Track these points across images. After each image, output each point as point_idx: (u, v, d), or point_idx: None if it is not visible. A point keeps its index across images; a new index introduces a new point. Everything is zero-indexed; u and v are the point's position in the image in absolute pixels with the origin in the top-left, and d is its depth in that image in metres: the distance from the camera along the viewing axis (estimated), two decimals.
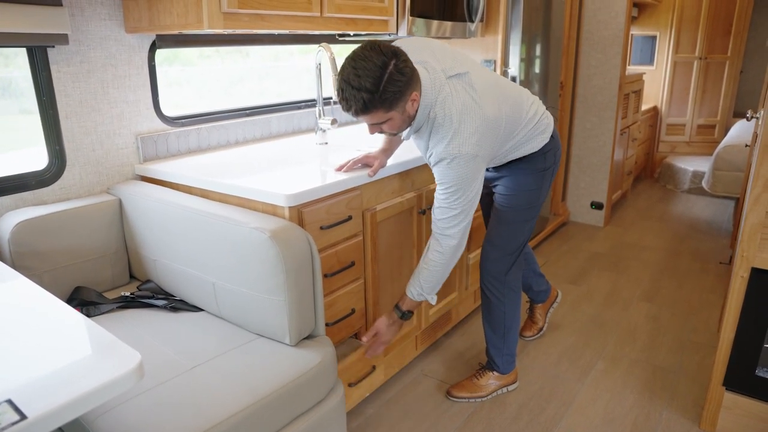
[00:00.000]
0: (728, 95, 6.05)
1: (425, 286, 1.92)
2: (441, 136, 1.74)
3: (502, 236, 2.13)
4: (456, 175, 1.75)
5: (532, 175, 2.06)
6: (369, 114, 1.62)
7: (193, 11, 1.77)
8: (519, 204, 2.09)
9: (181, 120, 2.29)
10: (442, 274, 1.92)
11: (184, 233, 1.80)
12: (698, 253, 3.94)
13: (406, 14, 2.44)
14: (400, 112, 1.66)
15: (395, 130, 1.75)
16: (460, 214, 1.82)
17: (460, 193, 1.78)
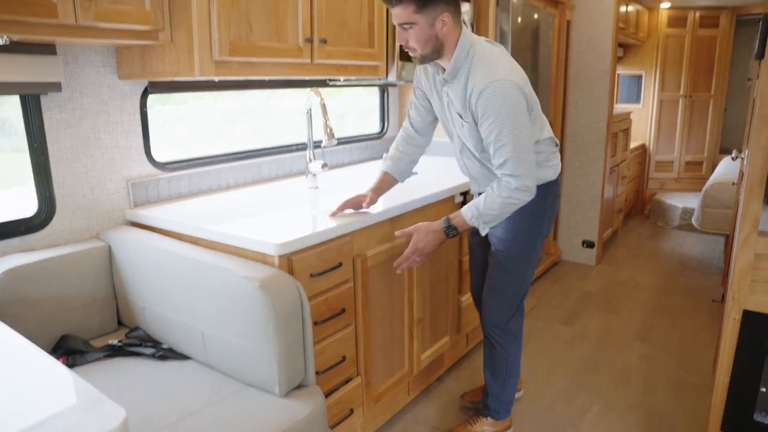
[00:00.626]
0: (714, 132, 6.16)
1: (483, 211, 1.84)
2: (481, 66, 1.77)
3: (503, 284, 2.10)
4: (504, 98, 1.71)
5: (532, 219, 2.02)
6: (401, 4, 1.70)
7: (184, 59, 1.79)
8: (518, 250, 2.05)
9: (172, 165, 2.30)
10: (497, 212, 1.84)
11: (173, 280, 1.79)
12: (690, 290, 3.94)
13: (396, 59, 2.48)
14: (428, 22, 1.72)
15: (419, 46, 1.76)
16: (519, 147, 1.74)
17: (511, 121, 1.72)
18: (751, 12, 5.90)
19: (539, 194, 1.95)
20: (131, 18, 1.68)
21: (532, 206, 1.95)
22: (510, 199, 1.82)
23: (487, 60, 1.78)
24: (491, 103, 1.73)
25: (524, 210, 1.94)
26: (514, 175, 1.78)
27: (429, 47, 1.77)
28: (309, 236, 1.74)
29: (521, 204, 1.85)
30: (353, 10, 2.27)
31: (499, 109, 1.73)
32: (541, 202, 1.99)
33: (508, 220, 2.00)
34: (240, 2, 1.82)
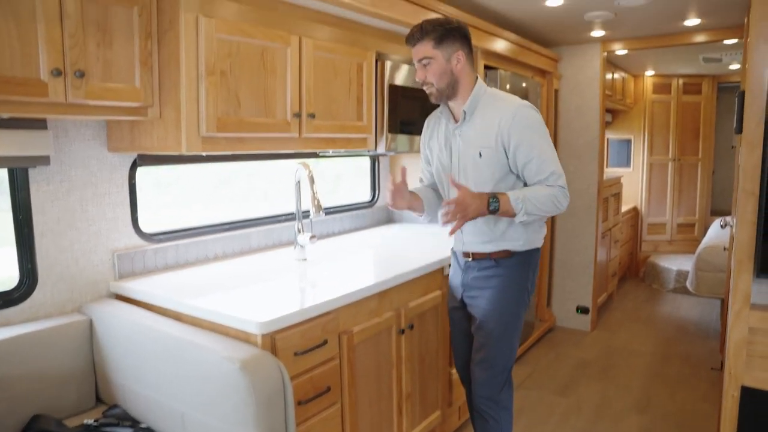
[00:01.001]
0: (704, 194, 6.23)
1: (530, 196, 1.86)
2: (501, 99, 1.96)
3: (493, 356, 2.06)
4: (535, 120, 1.90)
5: (517, 286, 2.03)
6: (421, 42, 1.89)
7: (172, 135, 1.81)
8: (505, 320, 2.04)
9: (159, 236, 2.28)
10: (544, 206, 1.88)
11: (153, 357, 1.74)
12: (688, 357, 3.87)
13: (384, 131, 2.52)
14: (445, 58, 1.89)
15: (435, 80, 1.91)
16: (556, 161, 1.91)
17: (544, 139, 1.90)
18: (730, 80, 6.09)
19: (524, 262, 2.02)
20: (121, 95, 1.70)
21: (517, 276, 2.02)
22: (557, 197, 1.89)
23: (503, 94, 1.99)
24: (527, 124, 1.89)
25: (507, 279, 2.01)
26: (561, 184, 1.90)
27: (445, 81, 1.92)
28: (293, 314, 1.71)
29: (559, 211, 1.92)
30: (342, 85, 2.31)
31: (536, 127, 1.90)
32: (523, 270, 2.04)
33: (492, 290, 2.02)
34: (229, 79, 1.86)
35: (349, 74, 2.35)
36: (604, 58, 4.23)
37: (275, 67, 2.01)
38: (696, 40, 3.92)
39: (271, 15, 2.01)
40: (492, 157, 1.93)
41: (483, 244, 2.03)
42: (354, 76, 2.37)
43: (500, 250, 2.01)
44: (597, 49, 4.20)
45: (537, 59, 3.87)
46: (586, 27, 3.72)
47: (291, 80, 2.07)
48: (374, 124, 2.50)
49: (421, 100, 2.77)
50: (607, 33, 3.91)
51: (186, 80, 1.76)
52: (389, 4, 2.38)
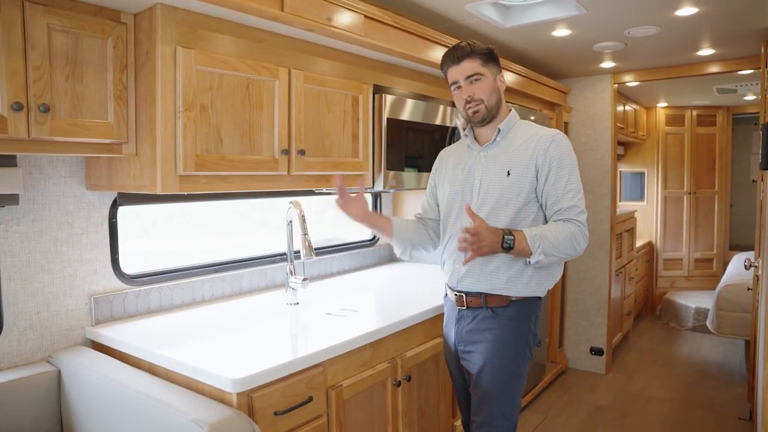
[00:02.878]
0: (721, 229, 6.01)
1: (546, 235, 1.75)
2: (536, 126, 1.93)
3: (492, 419, 1.85)
4: (570, 150, 1.86)
5: (517, 338, 1.85)
6: (469, 58, 1.85)
7: (148, 173, 1.69)
8: (505, 377, 1.85)
9: (141, 278, 2.14)
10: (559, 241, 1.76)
11: (121, 416, 1.58)
12: (712, 405, 3.62)
13: (383, 168, 2.38)
14: (492, 76, 1.88)
15: (485, 96, 1.86)
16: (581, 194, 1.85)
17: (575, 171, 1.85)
18: (745, 111, 5.93)
19: (524, 313, 1.86)
20: (92, 132, 1.59)
21: (517, 327, 1.85)
22: (576, 237, 1.79)
23: (537, 125, 1.96)
24: (564, 151, 1.84)
25: (506, 331, 1.84)
26: (581, 221, 1.82)
27: (494, 99, 1.89)
28: (272, 369, 1.55)
29: (577, 254, 1.82)
30: (335, 119, 2.19)
31: (571, 158, 1.86)
32: (524, 320, 1.86)
33: (488, 343, 1.84)
34: (210, 114, 1.74)
35: (344, 108, 2.23)
36: (615, 90, 4.11)
37: (262, 101, 1.90)
38: (710, 71, 3.78)
39: (257, 46, 1.90)
40: (521, 177, 1.83)
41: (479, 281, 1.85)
42: (349, 110, 2.25)
43: (496, 295, 1.84)
44: (607, 81, 4.08)
45: (545, 91, 3.75)
46: (595, 58, 3.60)
47: (279, 115, 1.95)
48: (371, 160, 2.37)
49: (426, 136, 2.65)
50: (617, 64, 3.79)
51: (162, 115, 1.64)
52: (386, 35, 2.27)
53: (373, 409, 1.94)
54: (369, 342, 1.89)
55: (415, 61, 2.49)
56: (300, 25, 1.91)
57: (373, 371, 1.91)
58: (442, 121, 2.73)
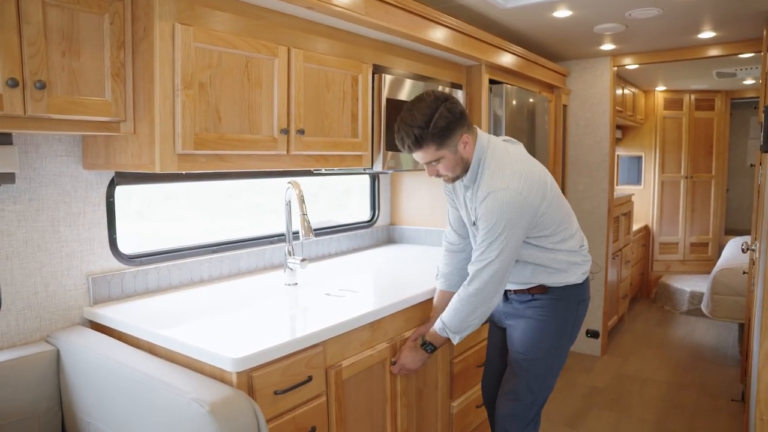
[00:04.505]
0: (717, 213, 6.03)
1: (447, 322, 1.88)
2: (488, 175, 1.79)
3: (521, 390, 1.95)
4: (500, 208, 1.73)
5: (554, 321, 1.93)
6: (422, 149, 1.75)
7: (146, 152, 1.67)
8: (540, 355, 1.94)
9: (139, 258, 2.13)
10: (463, 314, 1.84)
11: (121, 395, 1.58)
12: (706, 386, 3.66)
13: (382, 149, 2.37)
14: (452, 151, 1.77)
15: (450, 172, 1.82)
16: (495, 259, 1.75)
17: (500, 230, 1.74)
18: (744, 95, 5.92)
19: (562, 296, 1.94)
20: (89, 109, 1.57)
21: (556, 308, 1.94)
22: (467, 302, 1.83)
23: (495, 166, 1.80)
24: (491, 207, 1.75)
25: (545, 310, 1.93)
26: (476, 276, 1.80)
27: (459, 169, 1.83)
28: (272, 349, 1.54)
29: (479, 310, 1.83)
30: (335, 99, 2.17)
31: (498, 213, 1.74)
32: (563, 302, 1.94)
33: (528, 320, 1.94)
34: (209, 93, 1.72)
35: (343, 88, 2.21)
36: (614, 73, 4.08)
37: (261, 79, 1.87)
38: (710, 54, 3.76)
39: (256, 24, 1.88)
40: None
41: (518, 285, 2.00)
42: (348, 90, 2.23)
43: (536, 286, 1.96)
44: (607, 64, 4.05)
45: (544, 73, 3.73)
46: (595, 40, 3.57)
47: (278, 94, 1.93)
48: (371, 141, 2.35)
49: None
50: (617, 46, 3.76)
51: (160, 93, 1.62)
52: (387, 13, 2.24)
53: (372, 389, 1.95)
54: (368, 322, 1.89)
55: (415, 41, 2.46)
56: (300, 3, 1.88)
57: (372, 351, 1.92)
58: None
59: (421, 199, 3.29)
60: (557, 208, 1.88)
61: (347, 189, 3.24)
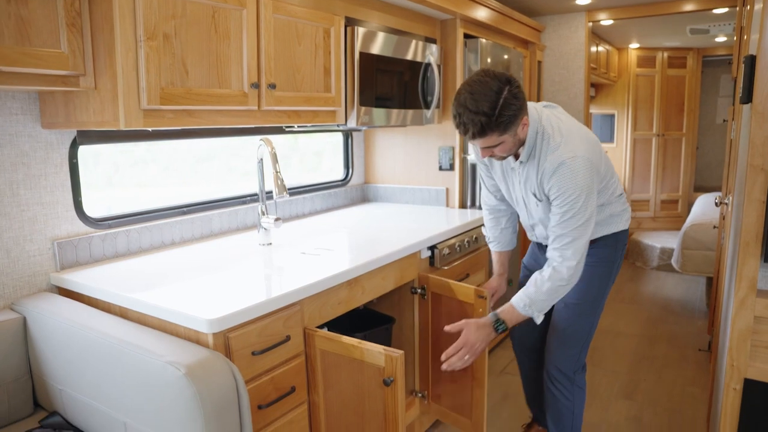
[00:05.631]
0: (687, 171, 6.12)
1: (535, 298, 1.81)
2: (553, 146, 1.75)
3: (573, 331, 2.02)
4: (574, 178, 1.71)
5: (604, 266, 2.01)
6: (485, 137, 1.67)
7: (109, 108, 1.58)
8: (591, 297, 2.01)
9: (107, 221, 2.06)
10: (555, 294, 1.82)
11: (93, 361, 1.53)
12: (675, 338, 3.76)
13: (355, 104, 2.30)
14: (512, 135, 1.71)
15: (506, 153, 1.79)
16: (580, 228, 1.74)
17: (582, 201, 1.72)
18: (715, 53, 5.95)
19: (611, 244, 2.00)
20: (45, 63, 1.47)
21: (606, 255, 2.00)
22: (560, 282, 1.79)
23: (557, 138, 1.77)
24: (564, 184, 1.73)
25: (596, 257, 1.97)
26: (565, 257, 1.77)
27: (515, 149, 1.80)
28: (249, 309, 1.51)
29: (570, 286, 1.82)
30: (306, 52, 2.09)
31: (575, 183, 1.72)
32: (610, 249, 2.01)
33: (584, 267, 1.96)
34: (174, 45, 1.63)
35: (315, 41, 2.12)
36: (589, 29, 4.04)
37: (228, 31, 1.78)
38: (685, 9, 3.75)
39: None
40: (543, 206, 1.89)
41: None
42: (320, 43, 2.15)
43: None
44: (582, 19, 4.01)
45: (519, 29, 3.66)
46: None
47: (248, 46, 1.84)
48: (344, 96, 2.28)
49: (398, 72, 2.56)
50: (592, 1, 3.71)
51: (122, 45, 1.52)
52: None
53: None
54: (345, 280, 1.87)
55: None
56: None
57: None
58: (413, 57, 2.64)
59: (395, 157, 3.24)
60: (608, 161, 1.93)
61: (319, 151, 3.17)
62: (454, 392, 2.23)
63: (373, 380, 1.65)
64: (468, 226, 2.66)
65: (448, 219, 2.76)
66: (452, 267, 2.50)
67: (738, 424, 1.73)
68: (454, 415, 2.25)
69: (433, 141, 3.11)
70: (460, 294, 2.12)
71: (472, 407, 2.15)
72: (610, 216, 1.99)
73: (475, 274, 2.77)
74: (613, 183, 1.97)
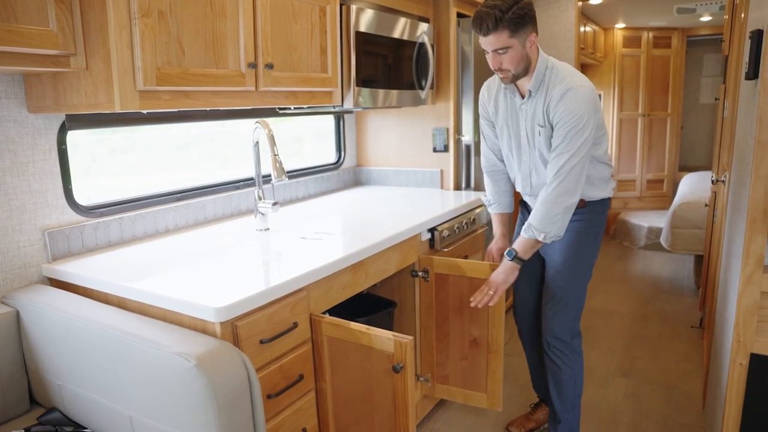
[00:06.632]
0: (673, 150, 6.17)
1: (534, 222, 1.92)
2: (561, 77, 1.88)
3: (568, 297, 2.08)
4: (581, 102, 1.82)
5: (593, 233, 2.08)
6: (496, 32, 1.78)
7: (103, 89, 1.51)
8: (581, 263, 2.08)
9: (99, 209, 1.98)
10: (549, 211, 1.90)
11: (94, 354, 1.47)
12: (666, 316, 3.80)
13: (352, 84, 2.25)
14: (521, 43, 1.81)
15: (512, 66, 1.85)
16: (576, 152, 1.83)
17: (583, 124, 1.81)
18: (699, 33, 5.97)
19: (598, 210, 2.08)
20: (32, 41, 1.39)
21: (593, 220, 2.07)
22: (558, 200, 1.87)
23: (564, 70, 1.91)
24: (571, 107, 1.82)
25: (585, 223, 2.05)
26: (563, 180, 1.86)
27: (522, 66, 1.87)
28: (257, 296, 1.46)
29: (568, 209, 1.89)
30: (303, 31, 2.02)
31: (578, 110, 1.82)
32: (600, 217, 2.09)
33: (569, 234, 2.03)
34: (169, 23, 1.55)
35: (311, 19, 2.06)
36: (579, 8, 4.01)
37: (225, 8, 1.71)
38: None
39: None
40: (545, 133, 1.94)
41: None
42: (317, 22, 2.08)
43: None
44: None
45: None
46: None
47: (244, 24, 1.77)
48: (340, 76, 2.22)
49: (392, 52, 2.50)
50: None
51: (115, 22, 1.45)
52: None
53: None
54: (350, 264, 1.82)
55: None
56: None
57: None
58: (407, 36, 2.58)
59: (388, 139, 3.19)
60: (602, 113, 1.97)
61: (300, 137, 3.07)
62: (464, 369, 2.23)
63: (381, 366, 1.62)
64: (465, 208, 2.63)
65: (444, 201, 2.73)
66: (452, 249, 2.47)
67: (744, 397, 1.73)
68: (467, 392, 2.27)
69: (427, 122, 3.07)
70: (472, 271, 2.14)
71: (487, 379, 2.19)
72: (599, 179, 2.05)
73: (473, 255, 2.75)
74: (605, 140, 2.03)
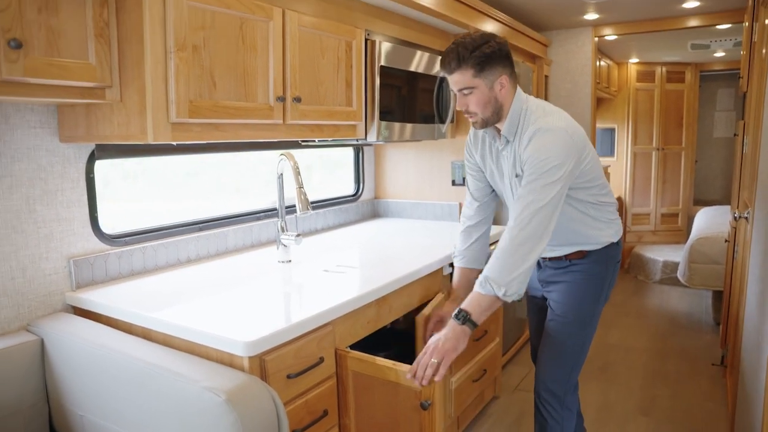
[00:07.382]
0: (687, 184, 6.15)
1: (490, 274, 1.64)
2: (533, 119, 1.73)
3: (562, 350, 1.93)
4: (549, 145, 1.65)
5: (592, 283, 1.91)
6: (459, 71, 1.67)
7: (136, 121, 1.53)
8: (577, 317, 1.92)
9: (123, 238, 1.99)
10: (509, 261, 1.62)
11: (118, 386, 1.46)
12: (685, 352, 3.73)
13: (375, 118, 2.26)
14: (487, 85, 1.70)
15: (479, 110, 1.73)
16: (542, 198, 1.62)
17: (548, 167, 1.63)
18: (712, 68, 6.01)
19: (600, 258, 1.91)
20: (72, 73, 1.42)
21: (592, 269, 1.91)
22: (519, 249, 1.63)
23: (539, 113, 1.75)
24: (538, 148, 1.67)
25: (584, 273, 1.91)
26: (525, 226, 1.64)
27: (489, 110, 1.74)
28: (285, 330, 1.45)
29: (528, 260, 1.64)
30: (329, 66, 2.05)
31: (545, 153, 1.65)
32: (601, 265, 1.92)
33: (566, 284, 1.90)
34: (202, 57, 1.58)
35: (338, 54, 2.09)
36: (595, 44, 4.05)
37: (256, 42, 1.74)
38: (689, 25, 3.77)
39: None
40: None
41: (554, 249, 1.93)
42: (343, 56, 2.11)
43: (574, 252, 1.91)
44: (588, 34, 4.02)
45: (528, 43, 3.67)
46: (579, 9, 3.53)
47: (274, 59, 1.80)
48: (364, 109, 2.24)
49: (415, 86, 2.53)
50: (600, 16, 3.72)
51: (151, 56, 1.48)
52: None
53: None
54: (375, 299, 1.81)
55: (405, 4, 2.35)
56: None
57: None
58: (428, 70, 2.62)
59: (406, 171, 3.21)
60: (596, 158, 1.84)
61: (309, 166, 3.07)
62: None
63: (408, 403, 1.59)
64: None
65: None
66: None
67: None
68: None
69: (445, 155, 3.08)
70: None
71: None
72: (595, 220, 1.87)
73: None
74: (599, 182, 1.86)
